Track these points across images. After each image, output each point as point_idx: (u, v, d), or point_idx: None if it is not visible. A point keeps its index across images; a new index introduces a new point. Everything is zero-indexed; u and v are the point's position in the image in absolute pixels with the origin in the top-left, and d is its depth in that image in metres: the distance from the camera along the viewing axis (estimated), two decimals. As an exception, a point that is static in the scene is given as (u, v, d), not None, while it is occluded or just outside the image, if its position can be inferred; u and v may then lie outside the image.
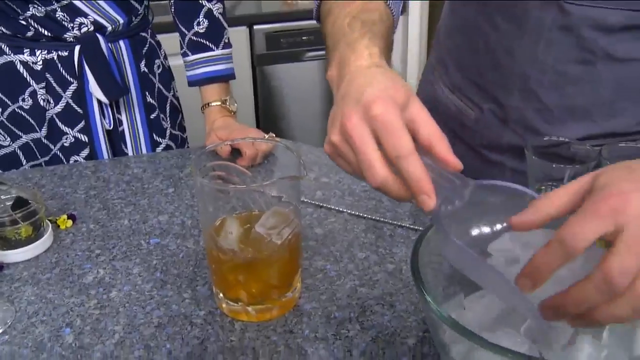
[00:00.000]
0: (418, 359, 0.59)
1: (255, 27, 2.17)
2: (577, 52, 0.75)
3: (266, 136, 0.96)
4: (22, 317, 0.68)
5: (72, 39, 1.02)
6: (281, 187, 0.63)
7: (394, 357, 0.60)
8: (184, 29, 1.08)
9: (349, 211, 0.85)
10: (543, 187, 0.65)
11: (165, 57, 1.21)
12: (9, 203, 0.79)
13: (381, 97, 0.50)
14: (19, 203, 0.79)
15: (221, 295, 0.66)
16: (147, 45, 1.13)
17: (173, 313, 0.67)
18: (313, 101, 2.39)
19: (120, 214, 0.88)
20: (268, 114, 2.37)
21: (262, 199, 0.65)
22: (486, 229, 0.51)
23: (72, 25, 1.01)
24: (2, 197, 0.80)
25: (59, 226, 0.85)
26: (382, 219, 0.83)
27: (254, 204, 0.66)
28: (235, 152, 0.92)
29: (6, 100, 1.05)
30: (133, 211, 0.89)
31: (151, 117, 1.14)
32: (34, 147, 1.09)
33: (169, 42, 1.24)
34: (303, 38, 2.22)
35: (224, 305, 0.66)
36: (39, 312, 0.68)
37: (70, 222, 0.86)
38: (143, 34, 1.12)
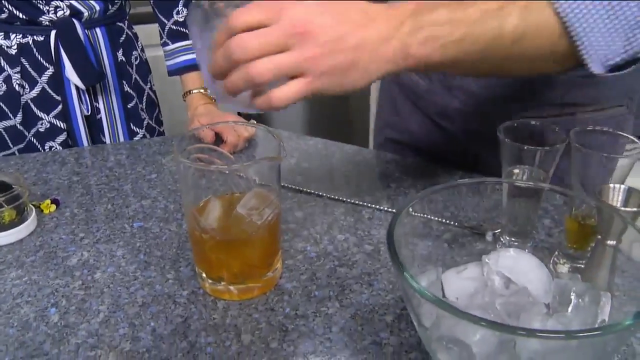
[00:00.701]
0: (396, 334, 0.61)
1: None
2: None
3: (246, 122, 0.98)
4: (6, 298, 0.69)
5: (47, 23, 1.02)
6: (261, 169, 0.64)
7: (373, 333, 0.62)
8: (163, 19, 1.09)
9: (328, 195, 0.87)
10: (516, 170, 0.67)
11: (143, 50, 1.21)
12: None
13: None
14: (2, 187, 0.80)
15: (204, 275, 0.68)
16: (124, 36, 1.13)
17: (157, 293, 0.69)
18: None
19: (103, 199, 0.89)
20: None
21: (243, 182, 0.66)
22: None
23: (47, 8, 1.01)
24: (-16, 181, 0.81)
25: (42, 211, 0.86)
26: (360, 203, 0.85)
27: (235, 187, 0.67)
28: (218, 140, 0.93)
29: None
30: (116, 196, 0.90)
31: (128, 106, 1.15)
32: (5, 135, 1.09)
33: (146, 32, 1.25)
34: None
35: (206, 285, 0.68)
36: (23, 294, 0.69)
37: (53, 207, 0.86)
38: (120, 23, 1.12)
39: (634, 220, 0.55)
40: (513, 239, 0.69)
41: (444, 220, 0.61)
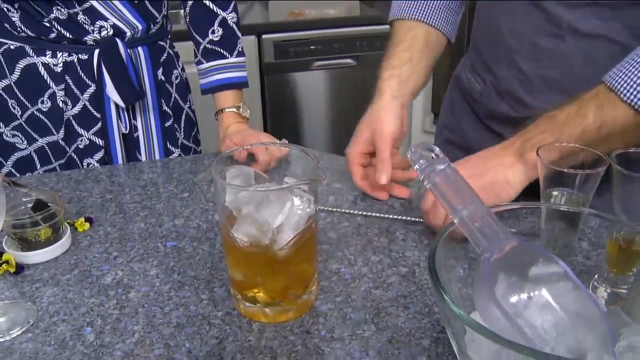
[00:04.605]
0: (433, 359, 0.60)
1: (263, 36, 2.20)
2: (547, 26, 0.84)
3: (279, 142, 0.98)
4: (43, 316, 0.69)
5: (92, 42, 1.05)
6: (299, 191, 0.64)
7: (410, 357, 0.61)
8: (199, 38, 1.10)
9: (362, 213, 0.87)
10: (555, 193, 0.66)
11: (183, 69, 1.23)
12: (29, 205, 0.81)
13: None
14: (39, 205, 0.81)
15: (239, 296, 0.67)
16: (166, 55, 1.15)
17: (191, 313, 0.69)
18: (320, 109, 2.42)
19: (136, 218, 0.90)
20: (277, 122, 2.39)
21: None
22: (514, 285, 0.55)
23: (92, 28, 1.03)
24: (22, 199, 0.82)
25: (76, 229, 0.86)
26: (395, 217, 0.86)
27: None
28: (250, 158, 0.93)
29: (26, 102, 1.07)
30: (149, 215, 0.90)
31: (166, 125, 1.16)
32: (48, 150, 1.11)
33: (182, 50, 1.27)
34: (311, 47, 2.24)
35: (241, 307, 0.68)
36: (59, 312, 0.70)
37: (87, 225, 0.87)
38: (161, 42, 1.14)
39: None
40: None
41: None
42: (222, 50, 1.10)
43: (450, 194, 0.57)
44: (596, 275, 0.66)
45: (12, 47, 1.05)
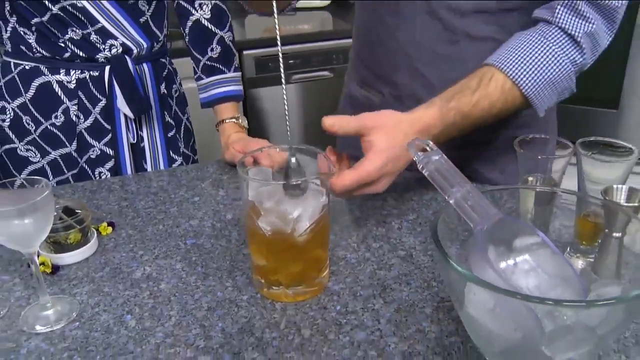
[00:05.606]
0: (436, 323, 0.71)
1: (244, 52, 2.30)
2: (443, 33, 0.99)
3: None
4: (85, 308, 0.77)
5: (103, 60, 1.14)
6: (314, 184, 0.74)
7: (416, 323, 0.71)
8: (198, 55, 1.20)
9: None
10: (531, 178, 0.77)
11: (181, 84, 1.32)
12: (60, 211, 0.89)
13: None
14: (67, 212, 0.89)
15: (262, 280, 0.77)
16: (167, 71, 1.24)
17: (219, 299, 0.78)
18: (300, 119, 2.52)
19: (154, 221, 0.98)
20: (258, 133, 2.49)
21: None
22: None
23: (103, 47, 1.12)
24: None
25: (100, 233, 0.94)
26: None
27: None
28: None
29: (40, 118, 1.15)
30: (165, 218, 0.99)
31: (169, 135, 1.25)
32: (61, 162, 1.19)
33: (179, 66, 1.36)
34: (290, 62, 2.35)
35: (264, 290, 0.77)
36: (100, 304, 0.78)
37: (110, 229, 0.95)
38: (162, 60, 1.23)
39: (636, 214, 0.65)
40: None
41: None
42: (220, 66, 1.20)
43: (445, 180, 0.67)
44: (569, 248, 0.78)
45: (27, 67, 1.13)
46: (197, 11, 1.18)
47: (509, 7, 0.97)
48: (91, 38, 1.11)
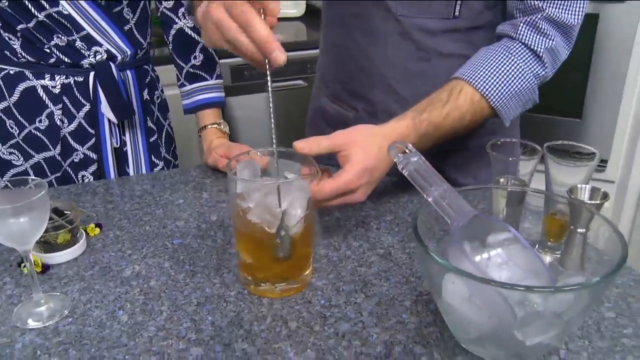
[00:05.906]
0: (415, 314, 0.75)
1: (221, 60, 2.32)
2: (416, 52, 1.06)
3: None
4: (78, 304, 0.80)
5: (88, 66, 1.16)
6: (301, 183, 0.78)
7: (396, 314, 0.75)
8: (181, 63, 1.23)
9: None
10: (502, 179, 0.83)
11: (163, 91, 1.35)
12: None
13: None
14: (57, 213, 0.92)
15: (249, 277, 0.80)
16: (149, 77, 1.27)
17: (208, 295, 0.81)
18: (278, 127, 2.56)
19: (140, 222, 1.01)
20: (232, 140, 2.51)
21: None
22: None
23: (88, 53, 1.15)
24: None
25: (88, 234, 0.97)
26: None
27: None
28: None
29: (24, 122, 1.17)
30: (151, 219, 1.02)
31: (151, 140, 1.28)
32: (44, 165, 1.21)
33: (163, 73, 1.39)
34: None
35: (251, 287, 0.81)
36: (91, 300, 0.80)
37: (97, 230, 0.98)
38: (146, 66, 1.26)
39: (598, 211, 0.71)
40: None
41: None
42: (203, 74, 1.23)
43: (424, 179, 0.72)
44: (537, 245, 0.83)
45: (11, 72, 1.15)
46: (180, 20, 1.22)
47: (478, 24, 1.03)
48: (76, 44, 1.14)
